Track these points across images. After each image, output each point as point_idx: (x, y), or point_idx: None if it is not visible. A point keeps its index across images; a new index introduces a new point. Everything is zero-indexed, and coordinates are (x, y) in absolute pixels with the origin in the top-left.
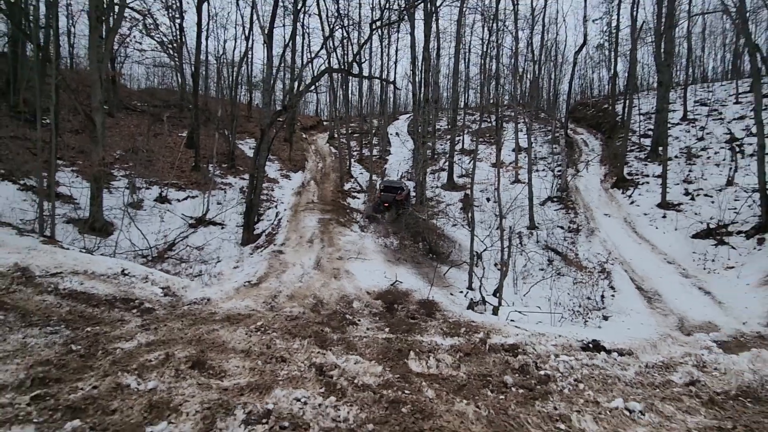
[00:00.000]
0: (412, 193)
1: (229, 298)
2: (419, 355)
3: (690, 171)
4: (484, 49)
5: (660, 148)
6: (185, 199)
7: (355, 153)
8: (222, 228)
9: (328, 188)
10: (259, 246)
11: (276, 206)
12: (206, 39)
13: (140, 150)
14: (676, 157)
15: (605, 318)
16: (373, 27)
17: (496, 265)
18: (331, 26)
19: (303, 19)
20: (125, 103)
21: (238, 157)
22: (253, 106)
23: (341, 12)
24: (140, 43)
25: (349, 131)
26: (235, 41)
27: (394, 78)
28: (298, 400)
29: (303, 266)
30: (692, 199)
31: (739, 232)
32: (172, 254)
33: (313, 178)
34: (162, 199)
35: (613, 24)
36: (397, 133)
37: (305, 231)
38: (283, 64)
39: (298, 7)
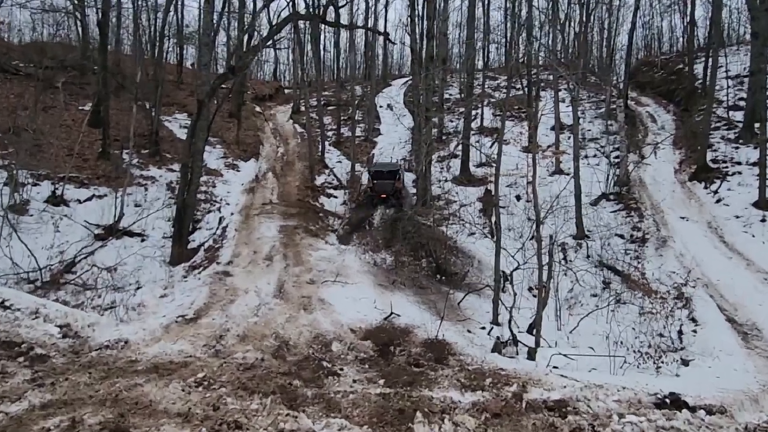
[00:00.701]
0: (412, 189)
1: (156, 339)
2: (429, 418)
3: None
4: None
5: (756, 125)
6: (89, 199)
7: (329, 133)
8: (142, 240)
9: (293, 183)
10: (197, 265)
11: (220, 209)
12: None
13: (24, 130)
14: None
15: (685, 362)
16: None
17: (531, 289)
18: None
19: None
20: (2, 62)
21: (164, 140)
22: (185, 67)
23: None
24: None
25: (322, 102)
26: None
27: (385, 28)
28: None
29: (260, 293)
30: None
31: None
32: (72, 278)
33: (272, 169)
34: (56, 200)
35: None
36: (389, 106)
37: (262, 244)
38: (228, 9)
39: None
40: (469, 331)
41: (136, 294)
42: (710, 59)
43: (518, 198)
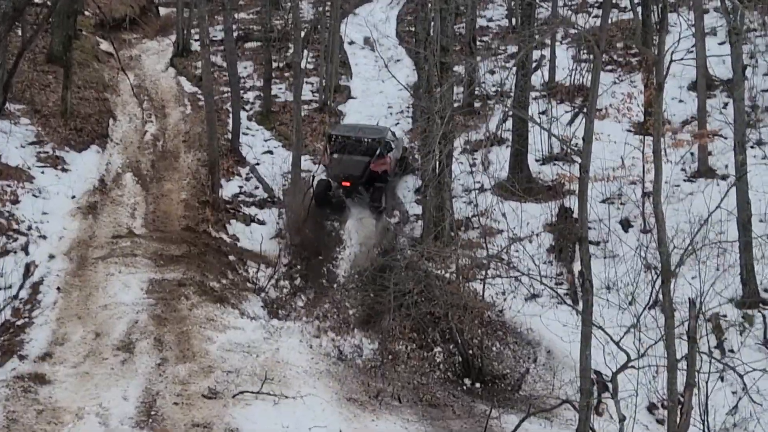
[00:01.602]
0: (412, 202)
1: None
2: None
3: None
4: None
5: None
6: None
7: (250, 96)
8: None
9: (176, 195)
10: None
11: (26, 248)
12: None
13: None
14: None
15: None
16: None
17: (653, 409)
18: None
19: None
20: None
21: None
22: None
23: None
24: None
25: (236, 35)
26: None
27: None
28: None
29: (106, 420)
30: None
31: None
32: None
33: (133, 167)
34: None
35: None
36: (368, 42)
37: (112, 317)
38: None
39: None
40: None
41: None
42: None
43: (626, 225)
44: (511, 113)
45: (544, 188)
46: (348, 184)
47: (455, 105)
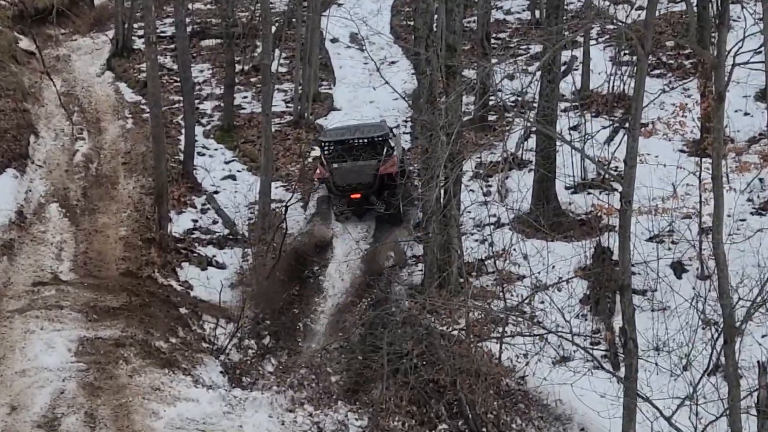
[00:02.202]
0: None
1: None
2: None
3: None
4: None
5: None
6: None
7: (207, 107)
8: None
9: (113, 229)
10: None
11: None
12: None
13: None
14: None
15: None
16: None
17: None
18: None
19: None
20: None
21: None
22: None
23: None
24: None
25: (188, 31)
26: None
27: None
28: None
29: None
30: None
31: None
32: None
33: (59, 195)
34: None
35: None
36: (355, 39)
37: (30, 388)
38: None
39: None
40: None
41: None
42: None
43: (679, 270)
44: (534, 129)
45: (576, 223)
46: (358, 196)
47: (465, 119)
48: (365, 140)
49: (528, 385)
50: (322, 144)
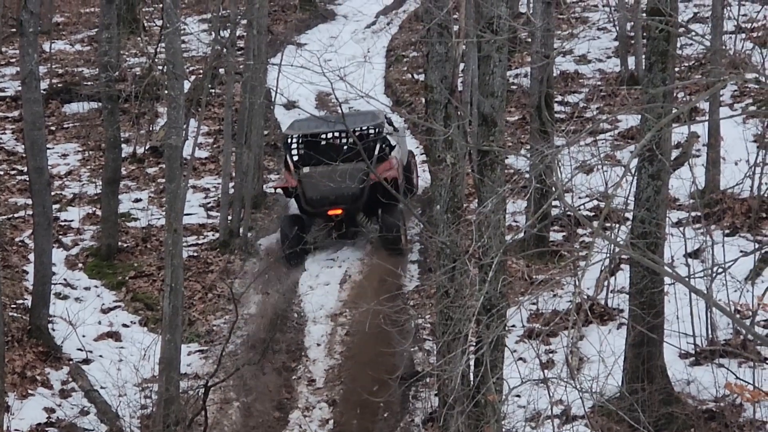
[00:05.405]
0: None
1: None
2: None
3: None
4: None
5: None
6: None
7: (70, 216)
8: None
9: None
10: None
11: None
12: None
13: None
14: None
15: None
16: None
17: None
18: None
19: None
20: None
21: None
22: None
23: None
24: None
25: (46, 89)
26: None
27: None
28: None
29: None
30: None
31: None
32: None
33: None
34: None
35: None
36: (327, 107)
37: None
38: None
39: None
40: None
41: None
42: None
43: None
44: (626, 257)
45: (701, 416)
46: (338, 212)
47: (509, 239)
48: (354, 135)
49: None
50: (289, 140)
